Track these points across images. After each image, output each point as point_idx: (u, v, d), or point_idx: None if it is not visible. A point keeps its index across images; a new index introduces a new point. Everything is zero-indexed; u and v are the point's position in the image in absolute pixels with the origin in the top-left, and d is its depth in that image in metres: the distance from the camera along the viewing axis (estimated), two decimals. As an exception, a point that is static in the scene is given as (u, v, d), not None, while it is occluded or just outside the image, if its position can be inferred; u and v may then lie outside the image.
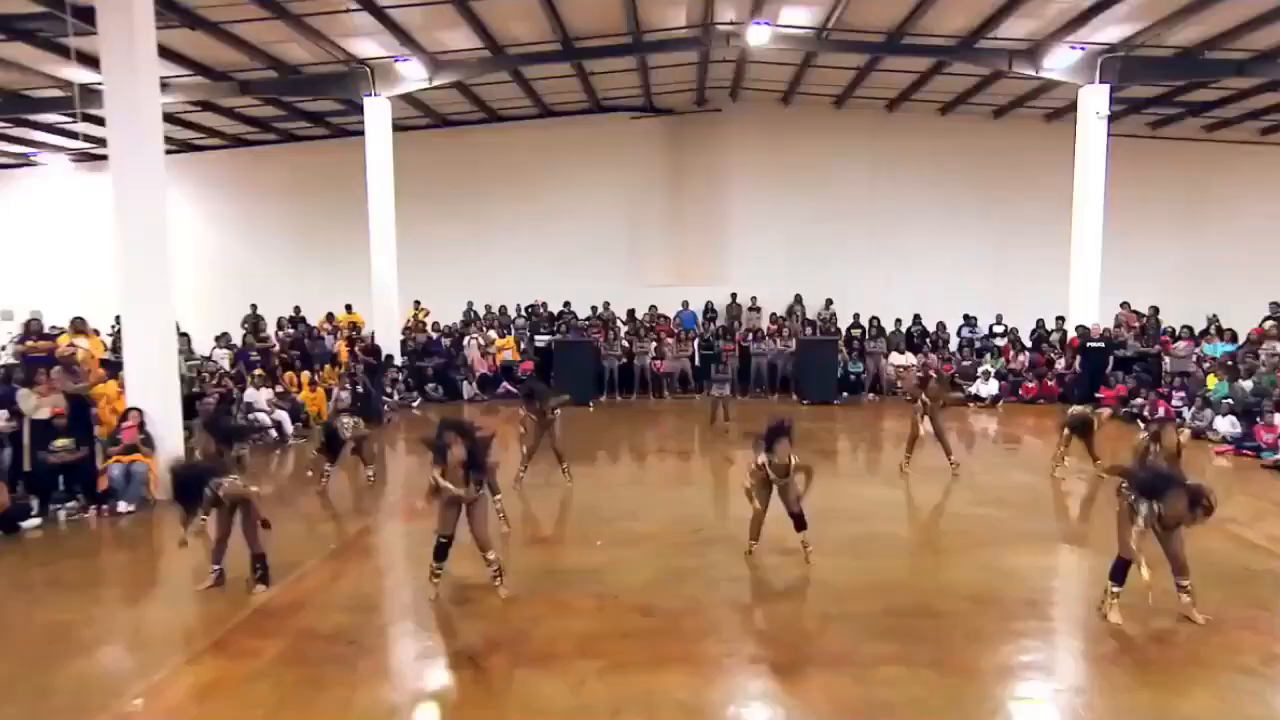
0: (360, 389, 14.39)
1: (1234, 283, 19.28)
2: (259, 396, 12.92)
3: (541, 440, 9.78)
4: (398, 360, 17.32)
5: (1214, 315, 15.71)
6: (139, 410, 9.44)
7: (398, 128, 20.12)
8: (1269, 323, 14.93)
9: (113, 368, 10.75)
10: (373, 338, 15.26)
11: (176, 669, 5.40)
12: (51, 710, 4.96)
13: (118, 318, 12.94)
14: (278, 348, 15.46)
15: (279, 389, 13.60)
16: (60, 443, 9.06)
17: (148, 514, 9.13)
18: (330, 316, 18.27)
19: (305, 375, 14.92)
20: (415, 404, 16.59)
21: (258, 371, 13.52)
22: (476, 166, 21.45)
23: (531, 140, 21.41)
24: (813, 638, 5.85)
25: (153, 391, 9.63)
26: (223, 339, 15.29)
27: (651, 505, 9.32)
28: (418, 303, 19.43)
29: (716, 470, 11.52)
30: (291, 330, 16.68)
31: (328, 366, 15.47)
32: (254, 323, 17.49)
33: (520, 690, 5.08)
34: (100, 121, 12.75)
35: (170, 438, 9.66)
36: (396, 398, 16.43)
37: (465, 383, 17.46)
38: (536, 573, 7.06)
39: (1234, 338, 14.79)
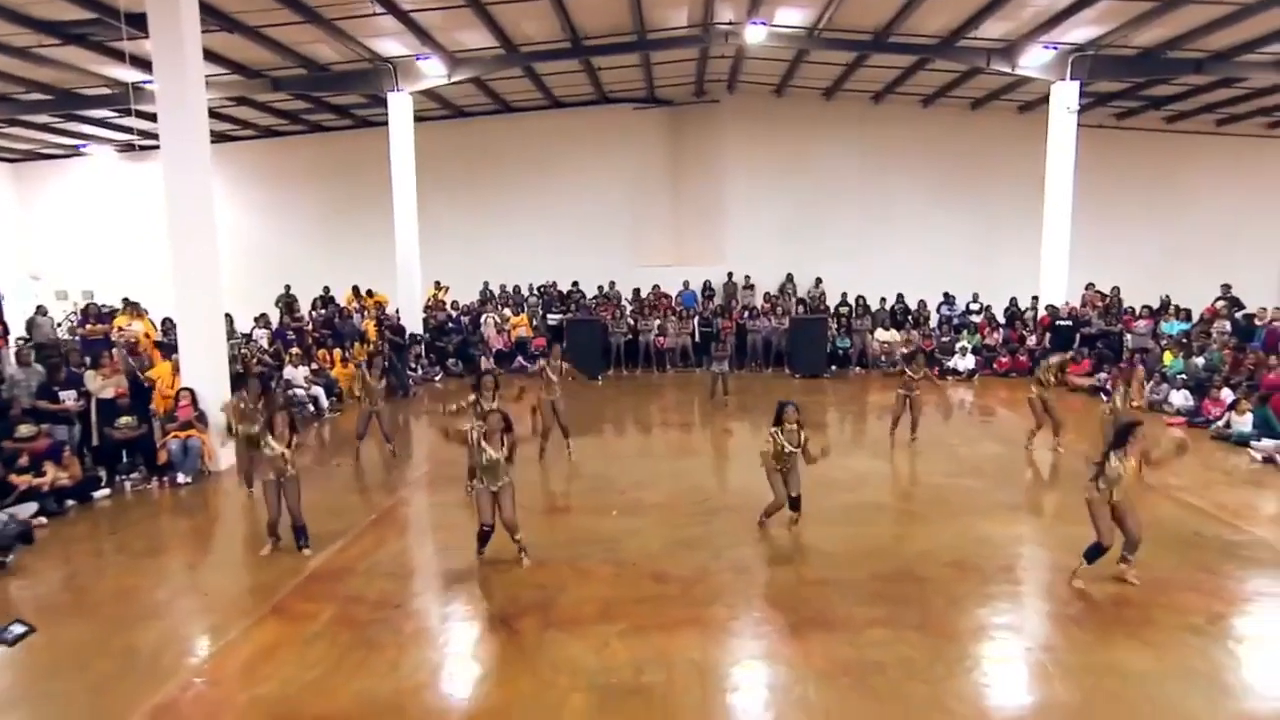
0: (388, 365, 14.49)
1: (1191, 265, 19.42)
2: (297, 374, 13.07)
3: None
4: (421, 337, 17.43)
5: (1166, 296, 15.83)
6: (191, 390, 9.59)
7: (418, 119, 20.03)
8: (1219, 302, 15.10)
9: (166, 349, 10.88)
10: (398, 317, 15.39)
11: (244, 631, 5.62)
12: (140, 668, 5.18)
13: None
14: (311, 327, 15.56)
15: (314, 366, 13.73)
16: (123, 420, 9.24)
17: (203, 485, 9.35)
18: (357, 292, 18.37)
19: (337, 353, 15.08)
20: (438, 378, 16.74)
21: (294, 350, 13.64)
22: (490, 155, 21.42)
23: (541, 130, 21.35)
24: (810, 601, 6.05)
25: (204, 372, 9.78)
26: (261, 319, 15.37)
27: (659, 476, 9.53)
28: (438, 283, 19.51)
29: (717, 442, 11.74)
30: (323, 310, 16.75)
31: (357, 344, 15.59)
32: (288, 303, 17.58)
33: (550, 651, 5.30)
34: (147, 116, 12.83)
35: (220, 415, 9.82)
36: (420, 372, 16.58)
37: (483, 358, 17.58)
38: (559, 541, 7.27)
39: (1189, 316, 14.93)
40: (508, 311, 19.01)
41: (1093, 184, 17.61)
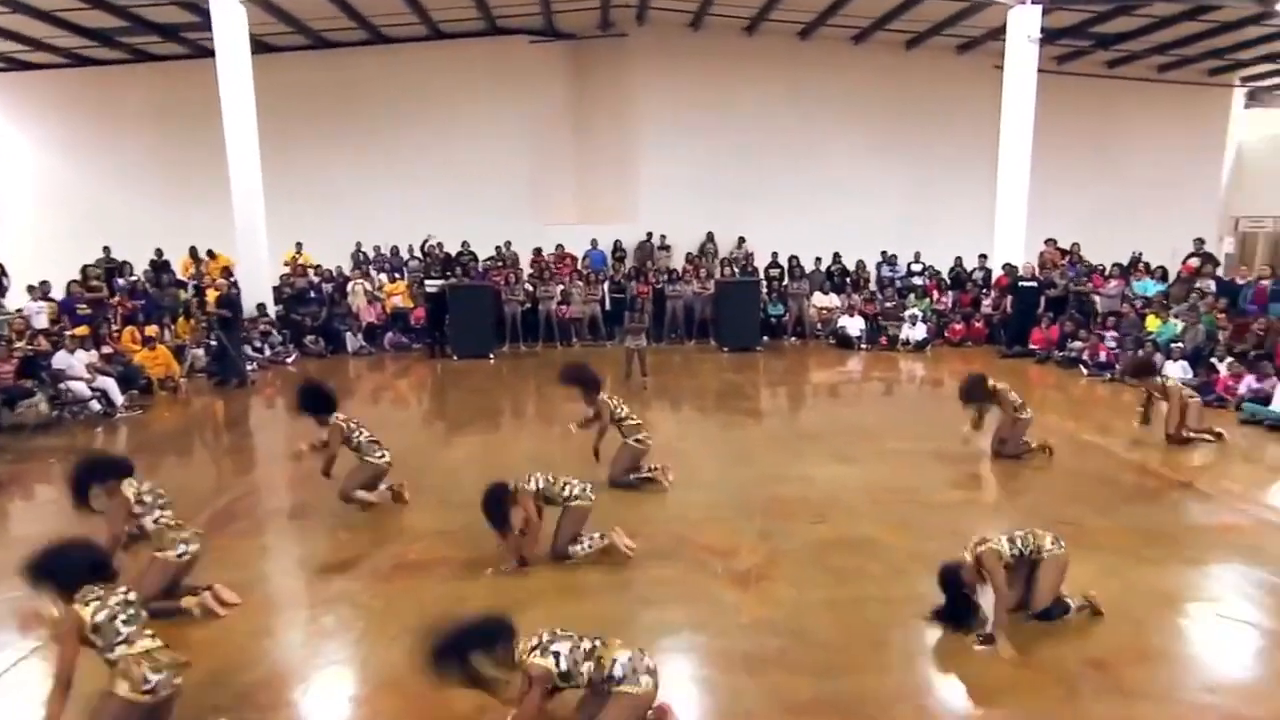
0: (215, 345, 11.14)
1: (1130, 219, 17.76)
2: (74, 361, 9.55)
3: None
4: (270, 311, 13.96)
5: (1138, 252, 13.85)
6: None
7: (268, 48, 16.43)
8: (1193, 259, 13.17)
9: None
10: (229, 286, 11.95)
11: None
12: None
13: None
14: (117, 299, 11.94)
15: (106, 349, 10.23)
16: None
17: None
18: (195, 255, 14.73)
19: (153, 330, 11.58)
20: (290, 360, 13.35)
21: (75, 331, 10.10)
22: (361, 93, 17.84)
23: (421, 65, 17.87)
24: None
25: None
26: (41, 288, 11.66)
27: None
28: (300, 244, 15.98)
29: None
30: (134, 278, 13.07)
31: (181, 319, 12.10)
32: (108, 270, 13.79)
33: None
34: None
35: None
36: (269, 353, 13.18)
37: (350, 334, 14.29)
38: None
39: (1164, 275, 12.94)
40: (382, 278, 15.70)
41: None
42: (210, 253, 14.65)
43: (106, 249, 14.67)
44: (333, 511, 6.22)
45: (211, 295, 11.72)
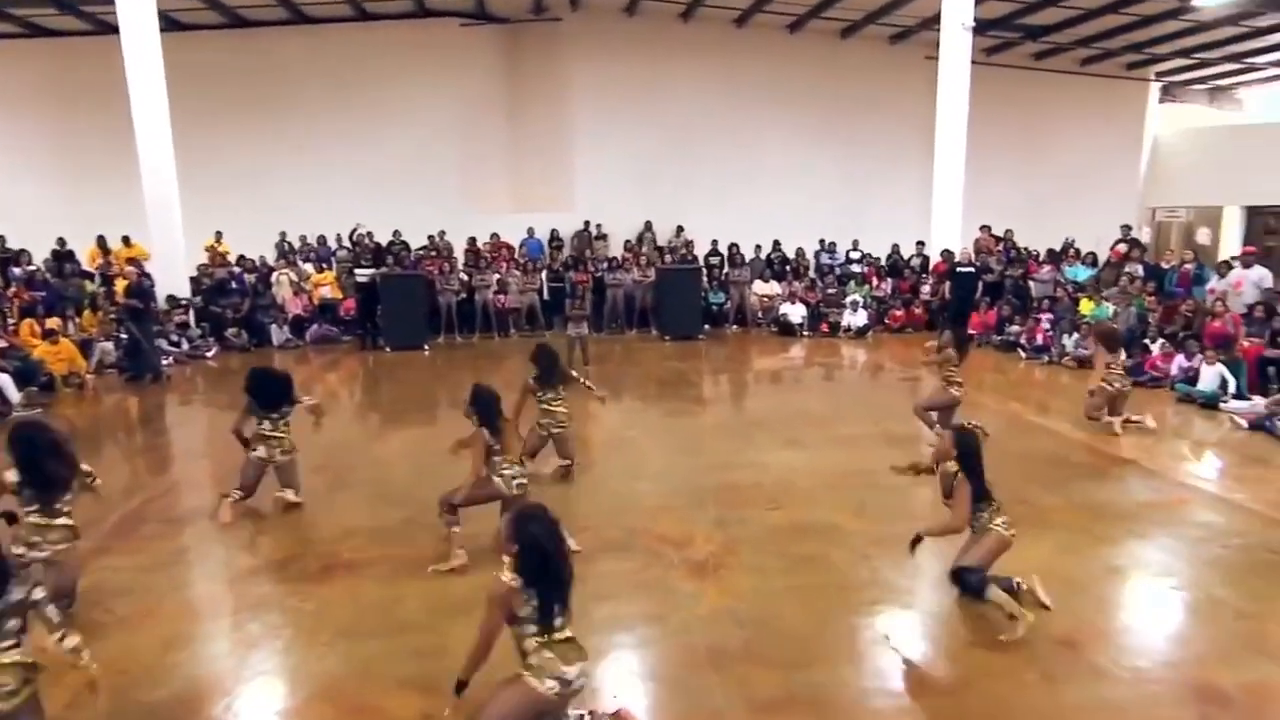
0: (126, 338, 10.40)
1: (1052, 209, 18.14)
2: (-37, 356, 8.76)
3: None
4: (188, 302, 13.15)
5: (1070, 239, 14.14)
6: None
7: (182, 25, 15.51)
8: (1121, 245, 13.50)
9: None
10: (139, 275, 11.10)
11: None
12: None
13: None
14: (13, 289, 11.06)
15: (1, 343, 9.42)
16: None
17: None
18: (103, 245, 13.81)
19: (54, 322, 10.74)
20: (211, 354, 12.59)
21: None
22: (284, 77, 16.97)
23: (349, 48, 17.09)
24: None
25: None
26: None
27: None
28: (220, 234, 15.11)
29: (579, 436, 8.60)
30: (32, 267, 12.15)
31: (86, 312, 11.27)
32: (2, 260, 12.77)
33: None
34: None
35: None
36: (187, 346, 12.41)
37: (275, 326, 13.59)
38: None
39: (1094, 261, 13.23)
40: (309, 268, 14.98)
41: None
42: (126, 240, 13.72)
43: (1, 237, 13.64)
44: (259, 510, 5.78)
45: (120, 285, 10.89)
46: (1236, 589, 4.59)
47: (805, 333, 13.88)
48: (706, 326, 14.10)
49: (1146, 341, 10.24)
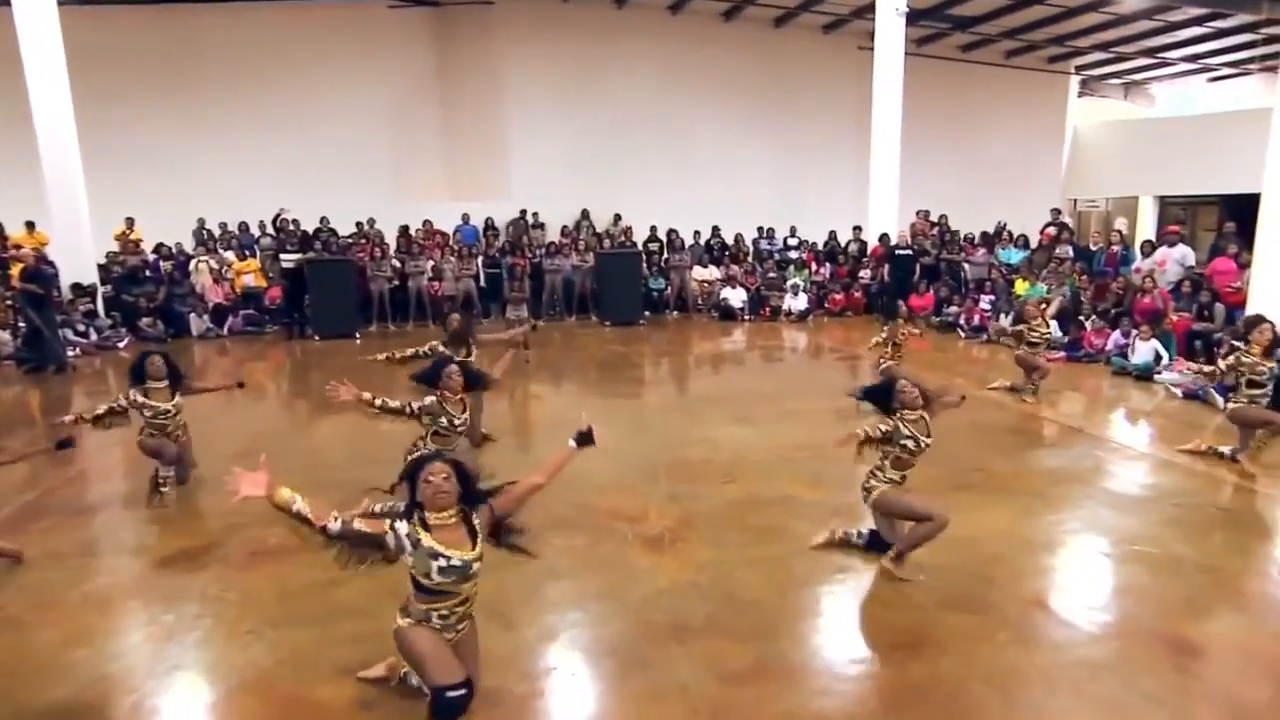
0: (24, 327, 9.60)
1: (991, 197, 18.46)
2: None
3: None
4: (99, 290, 12.30)
5: (1002, 222, 14.37)
6: None
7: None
8: (1051, 228, 13.77)
9: None
10: (37, 260, 10.21)
11: None
12: None
13: None
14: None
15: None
16: None
17: None
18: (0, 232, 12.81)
19: (-55, 312, 9.88)
20: (123, 344, 11.78)
21: None
22: (204, 57, 16.04)
23: (272, 28, 16.26)
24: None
25: None
26: None
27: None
28: (131, 220, 14.20)
29: (518, 419, 8.24)
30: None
31: (-17, 300, 10.41)
32: None
33: None
34: None
35: None
36: (96, 336, 11.59)
37: (194, 315, 12.82)
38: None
39: (1026, 243, 13.46)
40: (230, 255, 14.22)
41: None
42: (30, 225, 12.74)
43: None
44: (180, 496, 5.33)
45: (15, 269, 10.04)
46: (1193, 545, 4.58)
47: (747, 317, 13.78)
48: (647, 313, 13.86)
49: (1081, 319, 10.41)
